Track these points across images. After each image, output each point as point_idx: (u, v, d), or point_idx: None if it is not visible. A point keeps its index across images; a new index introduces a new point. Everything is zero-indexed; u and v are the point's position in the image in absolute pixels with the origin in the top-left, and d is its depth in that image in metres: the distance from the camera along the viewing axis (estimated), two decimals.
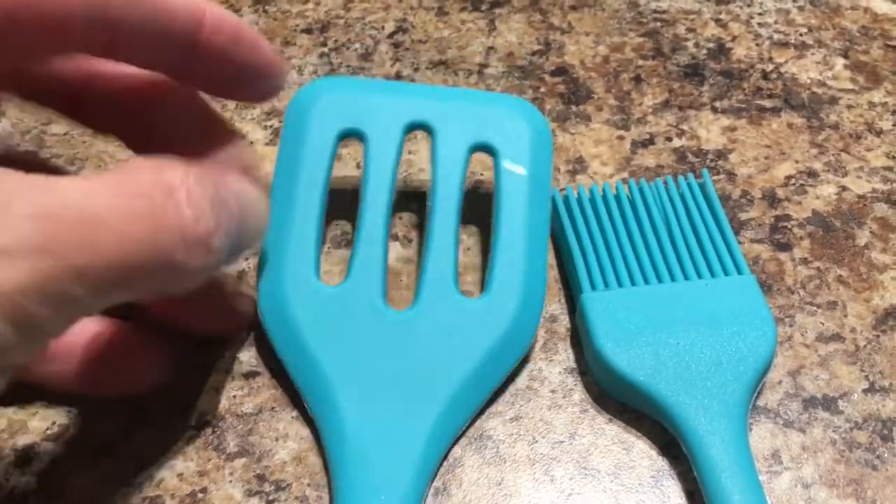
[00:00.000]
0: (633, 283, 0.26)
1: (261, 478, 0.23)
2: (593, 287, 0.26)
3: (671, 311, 0.25)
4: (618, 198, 0.28)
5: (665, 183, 0.29)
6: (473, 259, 0.28)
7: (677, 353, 0.24)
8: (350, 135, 0.27)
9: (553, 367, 0.26)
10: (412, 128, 0.27)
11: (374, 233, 0.25)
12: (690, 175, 0.29)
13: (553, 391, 0.25)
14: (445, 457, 0.24)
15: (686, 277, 0.26)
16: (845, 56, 0.35)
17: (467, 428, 0.24)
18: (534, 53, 0.35)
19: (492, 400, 0.25)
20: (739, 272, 0.26)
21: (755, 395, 0.24)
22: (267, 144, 0.32)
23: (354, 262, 0.25)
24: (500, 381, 0.25)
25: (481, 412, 0.25)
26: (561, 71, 0.34)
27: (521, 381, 0.25)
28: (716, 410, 0.23)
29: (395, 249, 0.28)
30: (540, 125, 0.27)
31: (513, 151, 0.26)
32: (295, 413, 0.25)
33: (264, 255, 0.25)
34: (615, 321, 0.25)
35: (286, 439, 0.24)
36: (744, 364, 0.24)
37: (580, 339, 0.26)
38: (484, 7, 0.37)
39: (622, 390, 0.25)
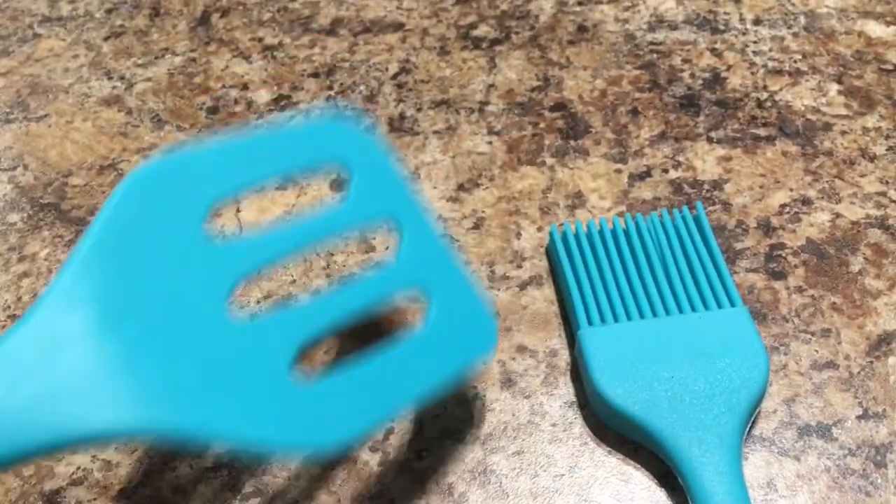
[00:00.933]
0: (628, 317, 0.27)
1: None
2: (590, 323, 0.27)
3: (666, 344, 0.26)
4: (614, 233, 0.29)
5: (660, 216, 0.30)
6: None
7: (671, 386, 0.25)
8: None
9: (554, 402, 0.27)
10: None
11: None
12: (685, 208, 0.30)
13: (554, 425, 0.26)
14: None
15: (680, 310, 0.27)
16: (839, 81, 0.36)
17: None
18: (533, 90, 0.36)
19: (494, 435, 0.26)
20: (732, 304, 0.27)
21: (749, 425, 0.25)
22: (277, 189, 0.33)
23: None
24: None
25: (484, 444, 0.26)
26: (559, 106, 0.35)
27: (523, 415, 0.26)
28: (710, 442, 0.24)
29: None
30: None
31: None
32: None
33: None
34: (611, 356, 0.26)
35: (298, 479, 0.25)
36: (736, 396, 0.25)
37: (579, 372, 0.27)
38: (484, 45, 0.39)
39: (619, 423, 0.25)
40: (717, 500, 0.23)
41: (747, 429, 0.25)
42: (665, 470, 0.25)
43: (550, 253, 0.30)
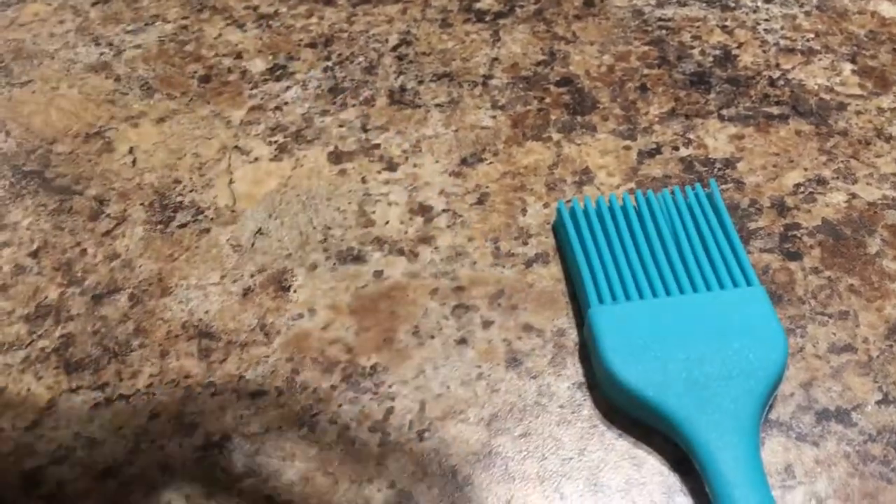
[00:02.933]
0: (640, 295, 0.26)
1: (269, 499, 0.23)
2: (601, 300, 0.26)
3: (680, 324, 0.25)
4: (624, 209, 0.28)
5: (672, 193, 0.28)
6: None
7: (686, 367, 0.24)
8: None
9: (561, 382, 0.25)
10: None
11: None
12: (698, 185, 0.29)
13: (562, 406, 0.25)
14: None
15: (695, 289, 0.26)
16: (853, 61, 0.35)
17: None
18: (538, 64, 0.35)
19: (500, 416, 0.25)
20: (749, 283, 0.26)
21: (767, 408, 0.24)
22: (272, 160, 0.32)
23: None
24: None
25: (489, 425, 0.24)
26: (566, 81, 0.34)
27: (530, 396, 0.25)
28: (727, 426, 0.23)
29: (402, 264, 0.28)
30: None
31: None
32: (302, 432, 0.25)
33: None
34: (623, 335, 0.25)
35: (294, 459, 0.24)
36: (754, 378, 0.24)
37: (588, 353, 0.26)
38: (488, 18, 0.37)
39: (631, 405, 0.24)
40: (736, 486, 0.22)
41: (765, 413, 0.24)
42: (679, 454, 0.24)
43: (557, 229, 0.29)
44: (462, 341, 0.26)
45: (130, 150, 0.32)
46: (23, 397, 0.26)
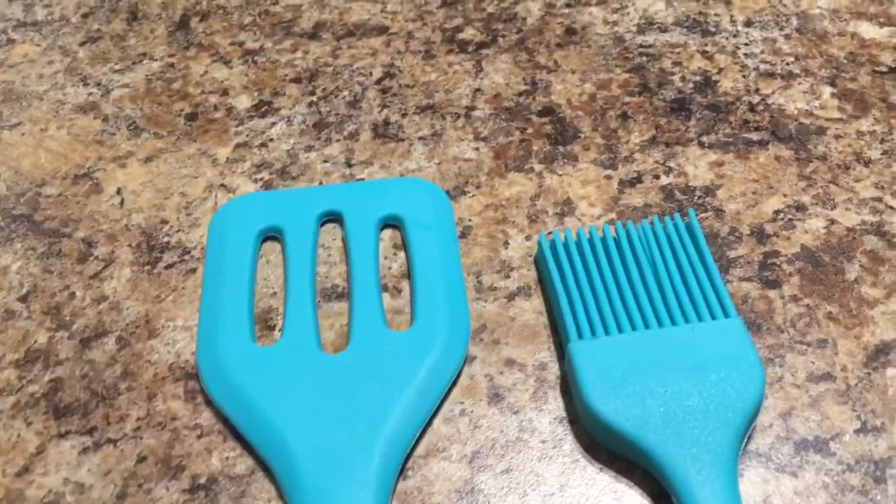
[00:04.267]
0: (619, 329, 0.26)
1: None
2: (580, 336, 0.26)
3: (658, 357, 0.25)
4: (604, 241, 0.28)
5: (651, 224, 0.29)
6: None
7: (665, 401, 0.24)
8: (270, 232, 0.30)
9: (543, 417, 0.26)
10: (325, 217, 0.31)
11: (302, 295, 0.28)
12: (677, 215, 0.29)
13: (543, 441, 0.25)
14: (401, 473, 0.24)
15: (673, 322, 0.26)
16: (833, 84, 0.35)
17: (404, 464, 0.24)
18: (520, 94, 0.35)
19: (482, 453, 0.25)
20: (726, 315, 0.26)
21: (745, 440, 0.24)
22: None
23: (287, 322, 0.28)
24: (436, 400, 0.26)
25: (471, 462, 0.25)
26: (548, 111, 0.35)
27: (511, 432, 0.25)
28: (705, 460, 0.23)
29: (386, 300, 0.29)
30: (437, 193, 0.31)
31: (416, 216, 0.30)
32: None
33: (202, 333, 0.28)
34: (602, 370, 0.25)
35: (279, 500, 0.24)
36: (732, 410, 0.24)
37: (569, 387, 0.26)
38: (471, 48, 0.38)
39: (611, 440, 0.25)
40: None
41: (743, 444, 0.24)
42: (658, 488, 0.24)
43: (539, 262, 0.29)
44: None
45: (118, 191, 0.33)
46: (13, 443, 0.26)
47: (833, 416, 0.25)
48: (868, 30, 0.37)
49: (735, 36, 0.37)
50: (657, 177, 0.32)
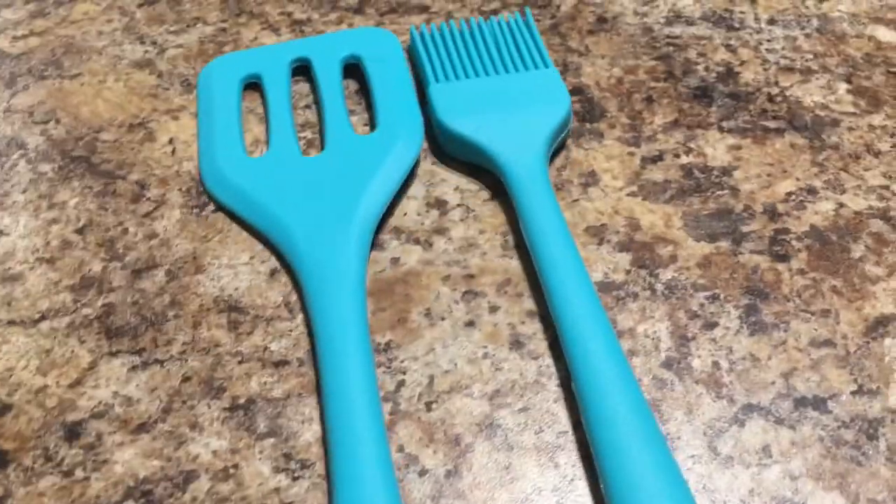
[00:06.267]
0: (466, 75, 0.35)
1: (287, 456, 0.26)
2: (437, 80, 0.35)
3: (493, 92, 0.34)
4: (461, 31, 0.37)
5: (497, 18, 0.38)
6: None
7: (498, 115, 0.33)
8: (250, 79, 0.36)
9: (561, 364, 0.28)
10: (295, 62, 0.37)
11: (282, 118, 0.34)
12: (517, 13, 0.38)
13: (560, 385, 0.27)
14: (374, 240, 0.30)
15: (506, 70, 0.35)
16: (848, 81, 0.37)
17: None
18: None
19: (502, 392, 0.27)
20: (546, 67, 0.35)
21: (555, 142, 0.33)
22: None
23: (272, 139, 0.34)
24: (398, 183, 0.32)
25: (491, 400, 0.27)
26: (577, 91, 0.37)
27: (530, 375, 0.27)
28: (522, 151, 0.32)
29: (418, 252, 0.31)
30: (390, 38, 0.38)
31: (372, 54, 0.37)
32: (320, 399, 0.27)
33: (203, 156, 0.34)
34: (452, 100, 0.34)
35: (311, 422, 0.26)
36: (546, 118, 0.33)
37: (433, 127, 0.34)
38: None
39: (461, 148, 0.33)
40: (528, 190, 0.31)
41: (553, 144, 0.33)
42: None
43: (411, 52, 0.38)
44: (470, 324, 0.29)
45: (170, 141, 0.35)
46: (66, 358, 0.28)
47: (832, 378, 0.27)
48: (885, 34, 0.39)
49: (758, 32, 0.39)
50: (677, 156, 0.34)
